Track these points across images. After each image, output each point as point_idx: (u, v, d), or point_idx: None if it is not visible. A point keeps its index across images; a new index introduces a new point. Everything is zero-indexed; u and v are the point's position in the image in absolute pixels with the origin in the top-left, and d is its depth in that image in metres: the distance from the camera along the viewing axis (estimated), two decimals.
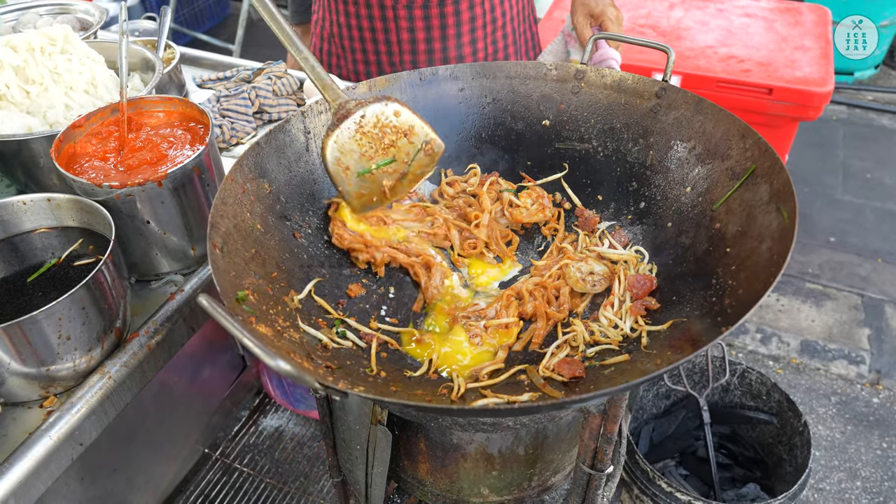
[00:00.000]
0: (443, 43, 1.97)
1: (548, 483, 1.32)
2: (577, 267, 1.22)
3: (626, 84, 1.35)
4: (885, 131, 4.65)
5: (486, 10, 1.96)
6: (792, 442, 2.20)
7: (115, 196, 1.21)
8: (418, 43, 1.96)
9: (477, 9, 1.94)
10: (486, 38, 2.02)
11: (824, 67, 3.02)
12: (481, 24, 1.98)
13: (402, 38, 1.95)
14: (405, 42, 1.96)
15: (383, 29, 1.95)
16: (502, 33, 2.05)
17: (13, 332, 1.02)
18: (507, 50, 2.11)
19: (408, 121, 1.25)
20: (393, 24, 1.93)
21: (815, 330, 3.29)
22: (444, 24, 1.93)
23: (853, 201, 4.03)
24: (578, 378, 1.02)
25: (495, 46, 2.06)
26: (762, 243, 1.01)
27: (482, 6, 1.94)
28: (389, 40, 1.97)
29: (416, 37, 1.95)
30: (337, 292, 1.23)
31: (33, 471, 1.06)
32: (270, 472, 2.16)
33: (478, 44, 2.01)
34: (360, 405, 1.22)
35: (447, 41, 1.96)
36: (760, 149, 1.11)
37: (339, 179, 1.22)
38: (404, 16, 1.91)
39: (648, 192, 1.30)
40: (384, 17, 1.92)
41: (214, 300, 0.82)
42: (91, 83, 1.56)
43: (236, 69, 2.04)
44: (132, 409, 1.42)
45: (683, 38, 3.30)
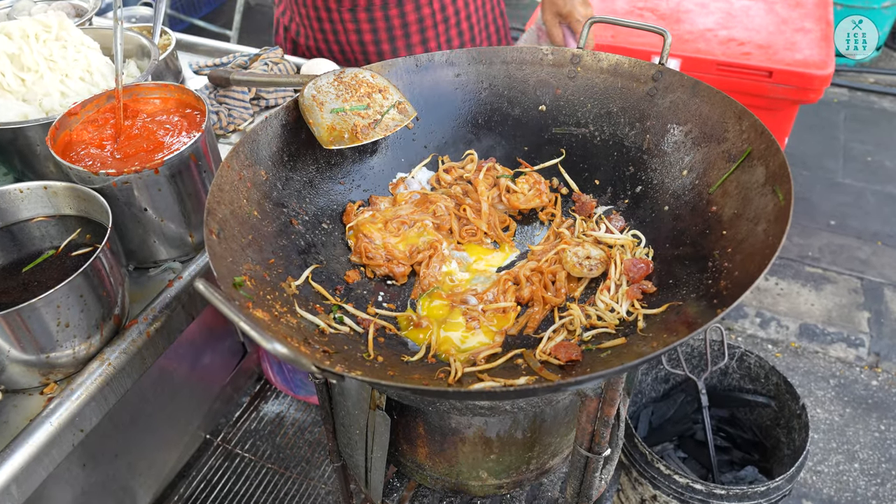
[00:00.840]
0: (391, 44, 1.97)
1: (546, 466, 1.33)
2: (573, 251, 1.22)
3: (623, 68, 1.34)
4: (885, 114, 4.63)
5: (436, 10, 1.94)
6: (790, 425, 2.21)
7: (112, 184, 1.21)
8: (367, 45, 1.97)
9: (424, 9, 1.92)
10: (439, 38, 2.01)
11: (825, 50, 3.00)
12: (431, 23, 1.97)
13: (351, 39, 1.96)
14: (354, 43, 1.97)
15: (332, 31, 1.96)
16: (457, 31, 2.03)
17: (12, 320, 1.02)
18: (463, 47, 2.09)
19: (383, 83, 1.34)
20: (340, 26, 1.93)
21: (815, 313, 3.29)
22: (389, 25, 1.93)
23: (853, 184, 4.02)
24: (575, 361, 1.03)
25: (450, 45, 2.05)
26: (758, 225, 1.01)
27: (430, 6, 1.93)
28: (339, 41, 1.98)
29: (363, 38, 1.95)
30: (335, 279, 1.23)
31: (35, 457, 1.07)
32: (272, 457, 2.17)
33: (429, 43, 2.00)
34: (359, 390, 1.23)
35: (395, 42, 1.96)
36: (757, 131, 1.11)
37: (311, 112, 1.28)
38: (349, 18, 1.91)
39: (645, 176, 1.30)
40: (331, 20, 1.93)
41: (212, 285, 0.83)
42: (87, 70, 1.56)
43: (233, 55, 2.03)
44: (133, 396, 1.43)
45: (683, 20, 3.28)
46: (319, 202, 1.31)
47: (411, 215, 1.34)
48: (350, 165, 1.37)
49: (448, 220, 1.34)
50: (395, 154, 1.42)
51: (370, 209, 1.34)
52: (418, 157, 1.43)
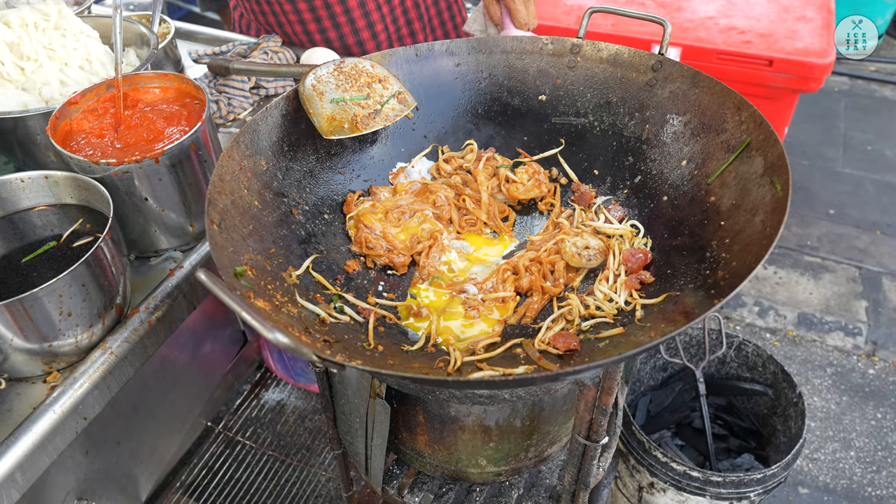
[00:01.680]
0: (337, 31, 1.94)
1: (545, 454, 1.34)
2: (572, 241, 1.23)
3: (623, 58, 1.34)
4: (886, 102, 4.62)
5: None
6: (787, 413, 2.23)
7: (113, 173, 1.22)
8: (312, 34, 1.95)
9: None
10: (385, 20, 1.98)
11: (826, 38, 2.99)
12: (374, 6, 1.94)
13: (296, 30, 1.95)
14: (300, 34, 1.95)
15: (277, 23, 1.95)
16: (402, 9, 2.01)
17: (15, 309, 1.03)
18: (411, 26, 2.06)
19: (383, 72, 1.34)
20: (283, 17, 1.92)
21: (813, 302, 3.30)
22: (331, 13, 1.91)
23: (853, 174, 4.03)
24: (573, 351, 1.04)
25: (396, 24, 2.02)
26: (755, 216, 1.02)
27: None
28: (286, 32, 1.97)
29: (308, 28, 1.94)
30: (335, 268, 1.24)
31: (38, 444, 1.08)
32: (272, 444, 2.19)
33: (376, 26, 1.98)
34: (359, 379, 1.24)
35: (340, 28, 1.94)
36: (755, 121, 1.11)
37: (311, 102, 1.28)
38: (290, 9, 1.89)
39: (644, 166, 1.30)
40: (273, 12, 1.92)
41: (213, 275, 0.84)
42: (86, 59, 1.56)
43: (232, 44, 2.03)
44: (135, 384, 1.44)
45: (684, 8, 3.27)
46: (320, 192, 1.31)
47: (411, 205, 1.34)
48: (350, 155, 1.37)
49: (448, 210, 1.35)
50: (395, 144, 1.42)
51: (370, 199, 1.35)
52: (418, 147, 1.44)
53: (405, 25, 2.04)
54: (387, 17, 1.98)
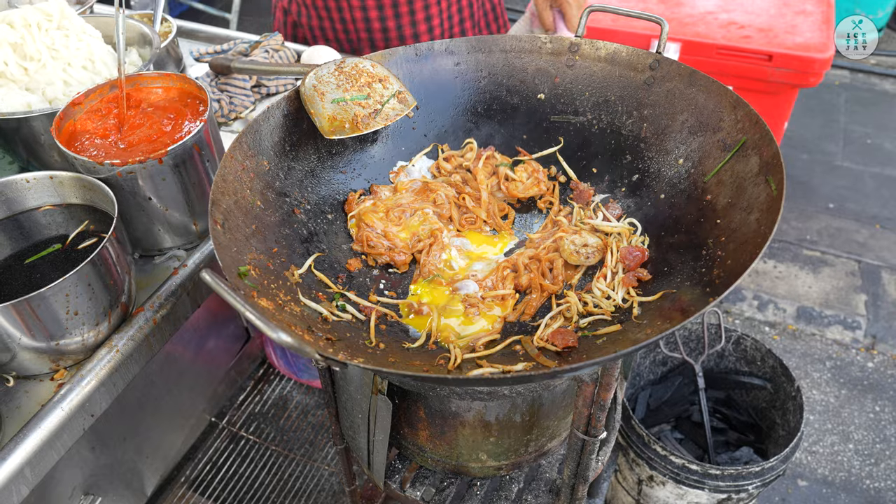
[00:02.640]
0: (396, 21, 1.97)
1: (544, 449, 1.36)
2: (571, 240, 1.24)
3: (621, 56, 1.36)
4: (887, 96, 4.62)
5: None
6: (785, 406, 2.25)
7: (117, 174, 1.23)
8: (372, 22, 1.97)
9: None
10: (442, 15, 2.02)
11: (825, 33, 3.00)
12: (435, 0, 1.97)
13: (356, 16, 1.96)
14: (359, 21, 1.98)
15: (337, 8, 1.96)
16: (458, 7, 2.04)
17: (22, 308, 1.05)
18: (463, 25, 2.10)
19: (383, 72, 1.36)
20: (345, 2, 1.94)
21: (812, 296, 3.32)
22: (395, 2, 1.93)
23: (853, 167, 4.03)
24: (571, 348, 1.05)
25: (451, 22, 2.06)
26: (751, 214, 1.03)
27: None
28: (344, 18, 1.98)
29: (368, 15, 1.96)
30: (336, 267, 1.26)
31: (47, 441, 1.10)
32: (276, 439, 2.21)
33: (433, 20, 2.01)
34: (361, 375, 1.26)
35: (401, 19, 1.97)
36: (751, 120, 1.12)
37: (312, 102, 1.29)
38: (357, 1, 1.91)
39: (642, 164, 1.31)
40: (340, 6, 1.93)
41: (217, 275, 0.85)
42: (89, 59, 1.57)
43: (233, 42, 2.04)
44: (140, 381, 1.46)
45: (683, 3, 3.27)
46: (321, 191, 1.33)
47: (412, 203, 1.36)
48: (351, 154, 1.39)
49: (448, 209, 1.36)
50: (395, 143, 1.43)
51: (371, 198, 1.36)
52: (418, 146, 1.45)
53: (458, 24, 2.09)
54: (444, 13, 2.03)
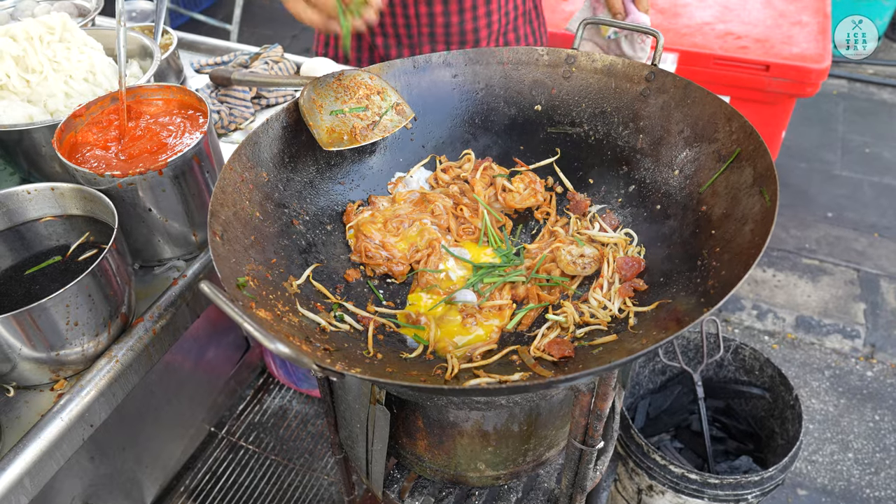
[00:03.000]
0: (460, 16, 1.99)
1: (542, 458, 1.36)
2: (567, 250, 1.25)
3: (617, 68, 1.37)
4: (885, 105, 4.64)
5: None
6: (784, 415, 2.25)
7: (118, 185, 1.24)
8: (436, 16, 1.98)
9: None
10: (500, 10, 2.04)
11: (822, 43, 3.02)
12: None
13: (420, 11, 1.97)
14: (423, 16, 1.98)
15: (402, 3, 1.97)
16: (514, 4, 2.07)
17: (23, 319, 1.06)
18: (516, 21, 2.13)
19: (382, 84, 1.38)
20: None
21: (811, 305, 3.32)
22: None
23: (851, 176, 4.04)
24: (568, 358, 1.06)
25: (507, 18, 2.08)
26: (745, 225, 1.04)
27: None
28: (408, 14, 1.98)
29: (433, 10, 1.97)
30: (335, 277, 1.26)
31: (46, 451, 1.10)
32: (275, 449, 2.21)
33: (493, 16, 2.03)
34: (359, 385, 1.26)
35: (464, 14, 1.98)
36: (745, 132, 1.13)
37: (311, 114, 1.30)
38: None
39: (638, 175, 1.32)
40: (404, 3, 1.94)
41: (216, 286, 0.86)
42: (90, 71, 1.59)
43: (233, 54, 2.06)
44: (140, 391, 1.47)
45: (681, 14, 3.29)
46: (320, 202, 1.34)
47: (410, 214, 1.37)
48: (349, 166, 1.40)
49: (446, 219, 1.37)
50: (393, 154, 1.45)
51: (370, 209, 1.37)
52: (416, 157, 1.46)
53: (513, 20, 2.11)
54: (502, 8, 2.05)
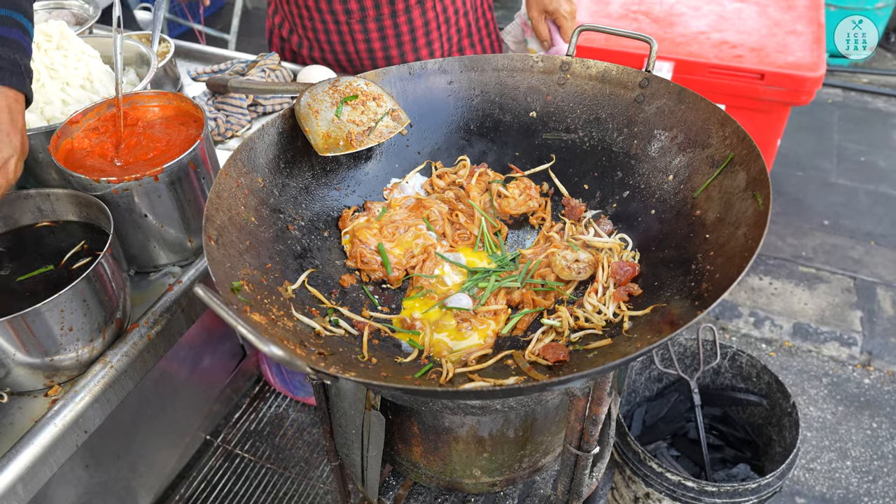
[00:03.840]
0: (399, 49, 2.02)
1: (538, 464, 1.36)
2: (563, 255, 1.25)
3: (611, 75, 1.38)
4: (879, 114, 4.66)
5: (439, 12, 2.00)
6: (781, 423, 2.25)
7: (113, 191, 1.25)
8: (375, 52, 2.02)
9: (429, 13, 1.98)
10: (442, 38, 2.06)
11: (816, 52, 3.03)
12: (435, 26, 2.02)
13: (360, 48, 2.01)
14: (363, 52, 2.02)
15: (340, 41, 2.00)
16: (456, 28, 2.09)
17: (17, 324, 1.06)
18: (461, 43, 2.15)
19: (377, 90, 1.38)
20: (349, 36, 1.98)
21: (808, 313, 3.33)
22: (398, 32, 1.98)
23: (847, 184, 4.06)
24: (562, 362, 1.06)
25: (450, 43, 2.10)
26: (738, 229, 1.04)
27: (434, 10, 1.99)
28: (348, 51, 2.02)
29: (372, 46, 2.01)
30: (330, 282, 1.27)
31: (40, 457, 1.10)
32: (271, 457, 2.21)
33: (434, 45, 2.06)
34: (355, 391, 1.26)
35: (403, 47, 2.02)
36: (738, 137, 1.14)
37: (307, 120, 1.31)
38: (359, 29, 1.96)
39: (632, 180, 1.33)
40: (340, 31, 1.98)
41: (210, 290, 0.86)
42: (87, 79, 1.59)
43: (230, 62, 2.07)
44: (135, 398, 1.46)
45: (676, 23, 3.31)
46: (315, 208, 1.34)
47: (406, 220, 1.37)
48: (345, 172, 1.40)
49: (441, 225, 1.38)
50: (389, 160, 1.45)
51: (365, 214, 1.38)
52: (412, 163, 1.47)
53: (457, 44, 2.13)
54: (443, 36, 2.07)
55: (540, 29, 1.76)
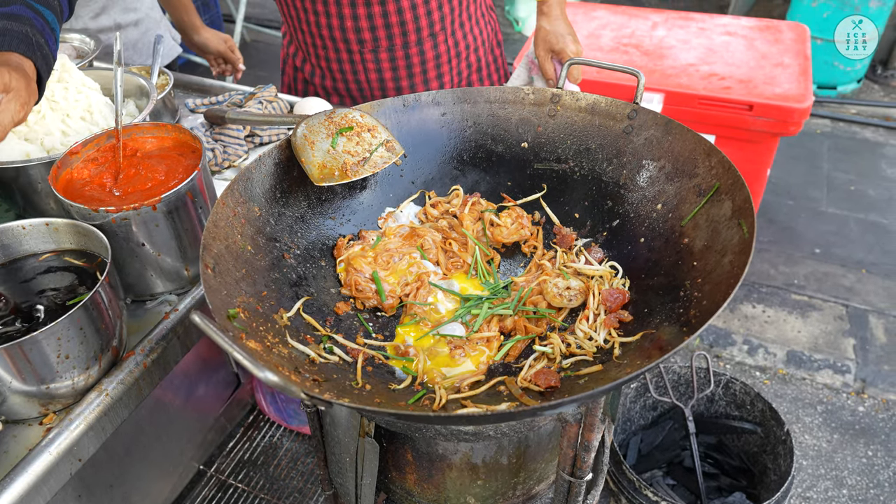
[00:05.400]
0: (409, 80, 2.07)
1: (532, 492, 1.36)
2: (554, 283, 1.27)
3: (600, 107, 1.41)
4: (867, 144, 4.73)
5: (451, 46, 2.06)
6: (776, 451, 2.25)
7: (111, 220, 1.26)
8: (386, 82, 2.06)
9: (441, 47, 2.03)
10: (452, 71, 2.11)
11: (803, 84, 3.10)
12: (446, 59, 2.08)
13: (371, 78, 2.05)
14: (374, 81, 2.06)
15: (352, 71, 2.05)
16: (466, 63, 2.14)
17: (14, 352, 1.07)
18: (470, 78, 2.21)
19: (372, 122, 1.40)
20: (361, 66, 2.02)
21: (801, 340, 3.34)
22: (409, 63, 2.02)
23: (837, 213, 4.10)
24: (554, 388, 1.07)
25: (460, 77, 2.16)
26: (725, 257, 1.07)
27: (446, 43, 2.04)
28: (359, 80, 2.07)
29: (383, 76, 2.05)
30: (325, 310, 1.28)
31: (33, 486, 1.10)
32: (265, 487, 2.19)
33: (444, 78, 2.11)
34: (349, 419, 1.27)
35: (414, 79, 2.06)
36: (724, 166, 1.17)
37: (303, 150, 1.33)
38: (371, 59, 2.00)
39: (622, 209, 1.36)
40: (352, 61, 2.02)
41: (206, 317, 0.88)
42: (87, 110, 1.62)
43: (228, 93, 2.10)
44: (128, 427, 1.46)
45: (666, 56, 3.38)
46: (311, 236, 1.36)
47: (400, 248, 1.39)
48: (340, 201, 1.43)
49: (435, 253, 1.40)
50: (383, 190, 1.48)
51: (360, 243, 1.40)
52: (406, 193, 1.49)
53: (466, 79, 2.19)
54: (454, 70, 2.13)
55: (546, 68, 1.81)
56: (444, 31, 2.01)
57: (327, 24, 1.94)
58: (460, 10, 2.04)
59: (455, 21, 2.03)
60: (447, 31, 2.02)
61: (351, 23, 1.92)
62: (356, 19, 1.91)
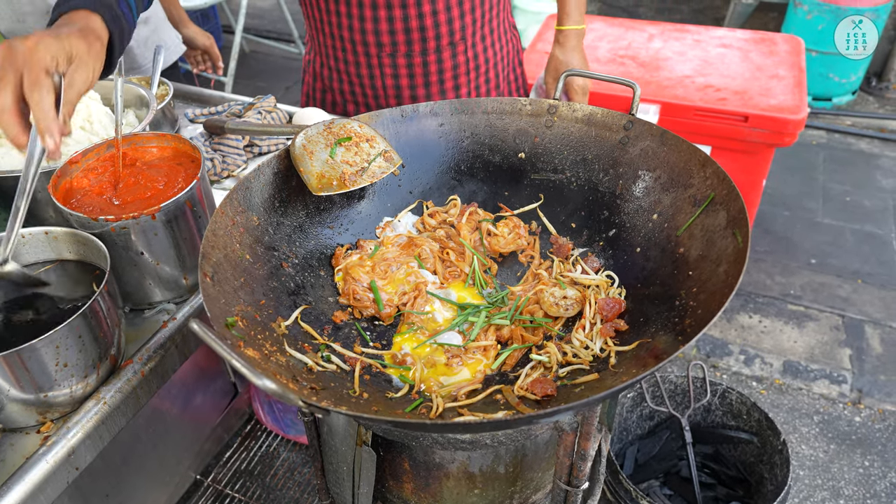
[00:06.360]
0: (426, 89, 2.07)
1: (529, 501, 1.37)
2: (551, 292, 1.28)
3: (597, 118, 1.43)
4: (863, 155, 4.77)
5: (469, 58, 2.07)
6: (772, 460, 2.25)
7: (111, 229, 1.27)
8: (402, 89, 2.07)
9: (460, 57, 2.04)
10: (470, 84, 2.13)
11: (798, 95, 3.13)
12: (464, 70, 2.08)
13: (387, 83, 2.05)
14: (390, 87, 2.07)
15: (369, 75, 2.05)
16: (485, 78, 2.16)
17: (13, 361, 1.07)
18: (489, 94, 2.22)
19: (370, 132, 1.42)
20: (378, 70, 2.03)
21: (798, 350, 3.35)
22: (426, 71, 2.03)
23: (833, 224, 4.13)
24: (550, 396, 1.08)
25: (478, 91, 2.17)
26: (719, 266, 1.08)
27: (465, 54, 2.05)
28: (375, 85, 2.07)
29: (399, 83, 2.05)
30: (323, 319, 1.29)
31: (30, 494, 1.10)
32: (262, 497, 2.18)
33: (461, 89, 2.12)
34: (346, 427, 1.27)
35: (430, 87, 2.07)
36: (719, 177, 1.18)
37: (301, 160, 1.34)
38: (388, 63, 2.01)
39: (618, 219, 1.37)
40: (370, 65, 2.03)
41: (205, 325, 0.88)
42: (87, 120, 1.63)
43: (227, 104, 2.12)
44: (125, 436, 1.46)
45: (662, 67, 3.41)
46: (309, 246, 1.37)
47: (397, 258, 1.40)
48: (338, 210, 1.44)
49: (432, 262, 1.41)
50: (381, 199, 1.49)
51: (358, 252, 1.41)
52: (404, 203, 1.50)
53: (485, 93, 2.21)
54: (472, 83, 2.14)
55: (552, 94, 1.86)
56: (465, 42, 2.03)
57: (348, 26, 1.96)
58: (482, 22, 2.05)
59: (476, 33, 2.05)
60: (467, 42, 2.03)
61: (371, 25, 1.94)
62: (376, 21, 1.93)
